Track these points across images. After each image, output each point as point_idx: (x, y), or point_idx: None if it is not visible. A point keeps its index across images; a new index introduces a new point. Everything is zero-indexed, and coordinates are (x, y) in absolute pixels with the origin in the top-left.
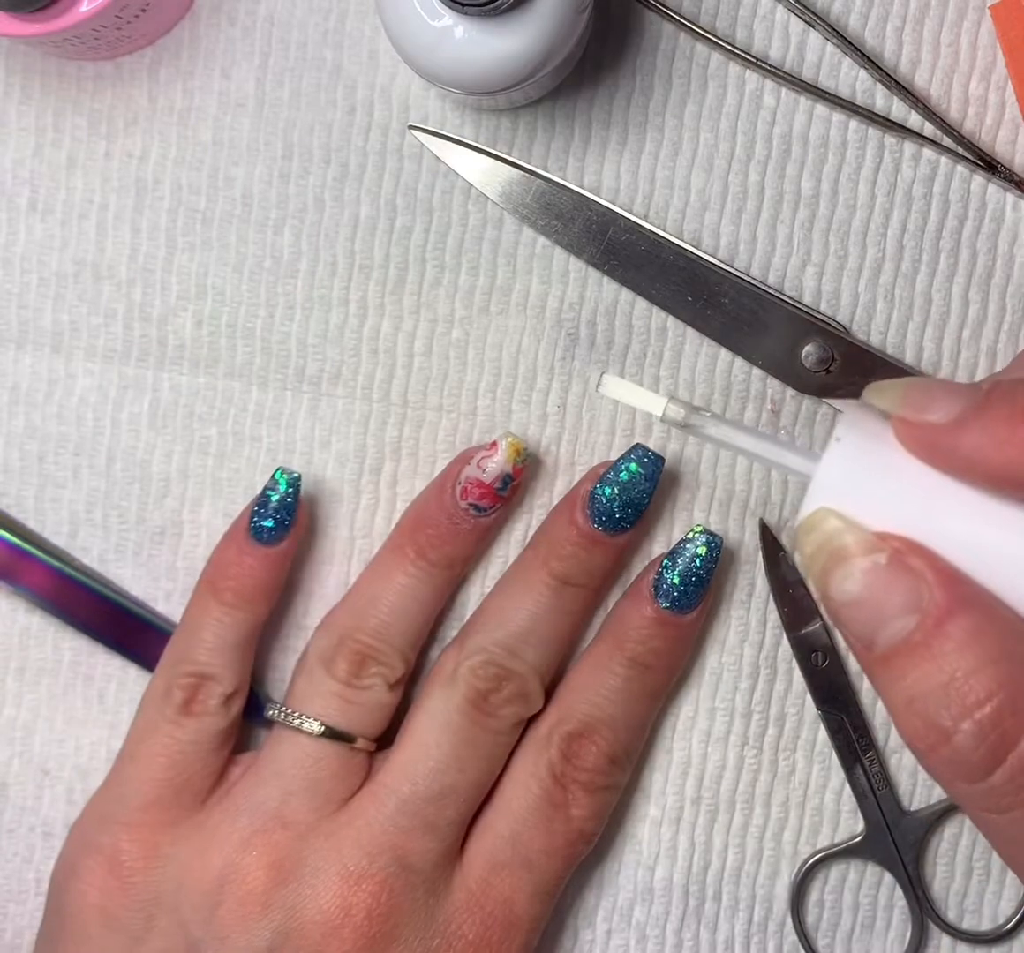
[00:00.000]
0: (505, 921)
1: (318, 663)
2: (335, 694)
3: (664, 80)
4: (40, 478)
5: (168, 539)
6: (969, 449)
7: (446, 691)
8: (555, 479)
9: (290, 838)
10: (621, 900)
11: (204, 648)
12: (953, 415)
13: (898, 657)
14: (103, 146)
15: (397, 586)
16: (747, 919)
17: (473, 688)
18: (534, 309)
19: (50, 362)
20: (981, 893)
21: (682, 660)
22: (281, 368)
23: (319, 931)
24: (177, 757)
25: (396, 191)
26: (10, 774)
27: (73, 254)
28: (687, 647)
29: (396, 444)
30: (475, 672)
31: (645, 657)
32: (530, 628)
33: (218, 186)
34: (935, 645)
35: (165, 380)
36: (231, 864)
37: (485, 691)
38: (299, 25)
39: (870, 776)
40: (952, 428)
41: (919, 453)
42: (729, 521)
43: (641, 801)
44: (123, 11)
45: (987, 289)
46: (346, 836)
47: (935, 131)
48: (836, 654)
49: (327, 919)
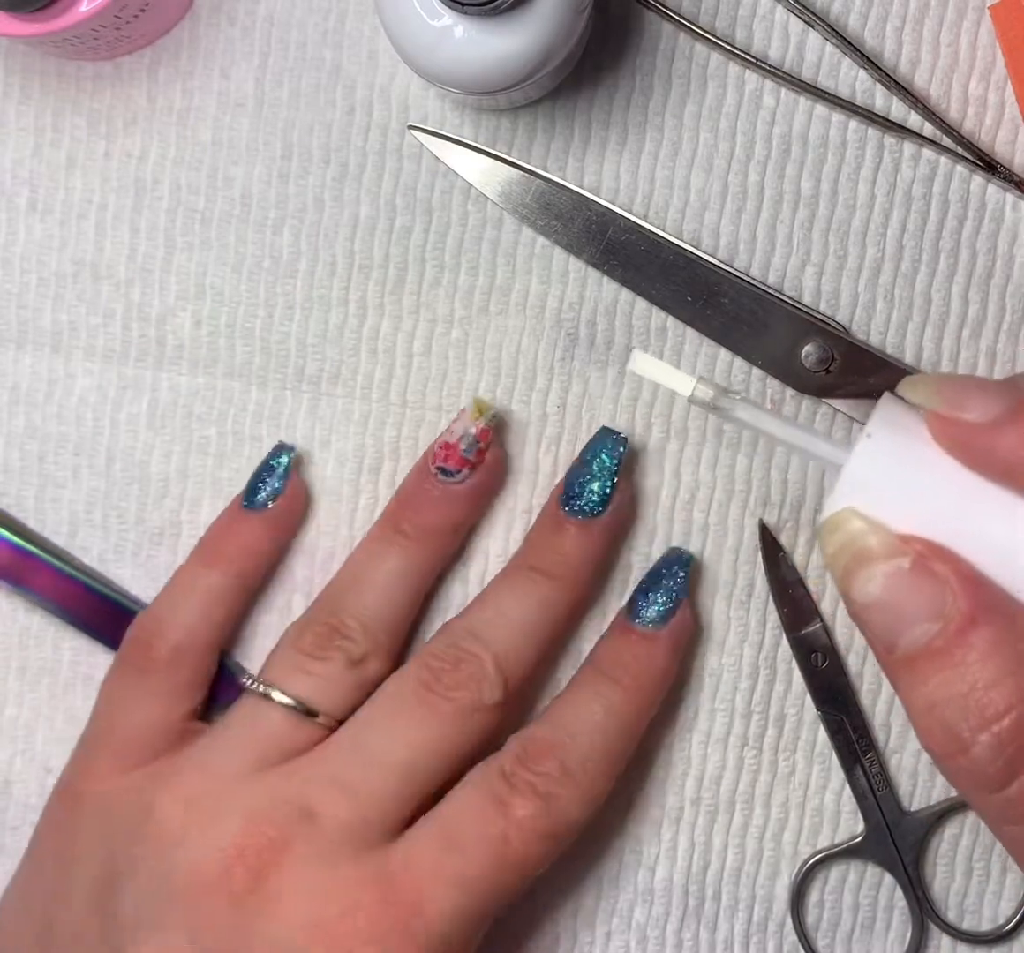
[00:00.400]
0: (411, 904)
1: (288, 636)
2: (294, 664)
3: (664, 80)
4: (40, 478)
5: (167, 539)
6: (1007, 451)
7: (403, 670)
8: (555, 479)
9: (212, 782)
10: (621, 901)
11: (184, 611)
12: (991, 415)
13: (919, 662)
14: (102, 146)
15: (371, 561)
16: (747, 919)
17: (426, 668)
18: (534, 309)
19: (50, 362)
20: (981, 893)
21: (656, 681)
22: (280, 368)
23: (214, 868)
24: (141, 712)
25: (395, 191)
26: (13, 772)
27: (72, 254)
28: (659, 666)
29: (395, 444)
30: (432, 652)
31: (615, 671)
32: (498, 614)
33: (217, 186)
34: (957, 654)
35: (164, 380)
36: (155, 800)
37: (438, 670)
38: (298, 25)
39: (870, 777)
40: (990, 429)
41: (953, 451)
42: (729, 521)
43: (641, 802)
44: (122, 11)
45: (987, 289)
46: (266, 785)
47: (935, 131)
48: (836, 655)
49: (223, 856)
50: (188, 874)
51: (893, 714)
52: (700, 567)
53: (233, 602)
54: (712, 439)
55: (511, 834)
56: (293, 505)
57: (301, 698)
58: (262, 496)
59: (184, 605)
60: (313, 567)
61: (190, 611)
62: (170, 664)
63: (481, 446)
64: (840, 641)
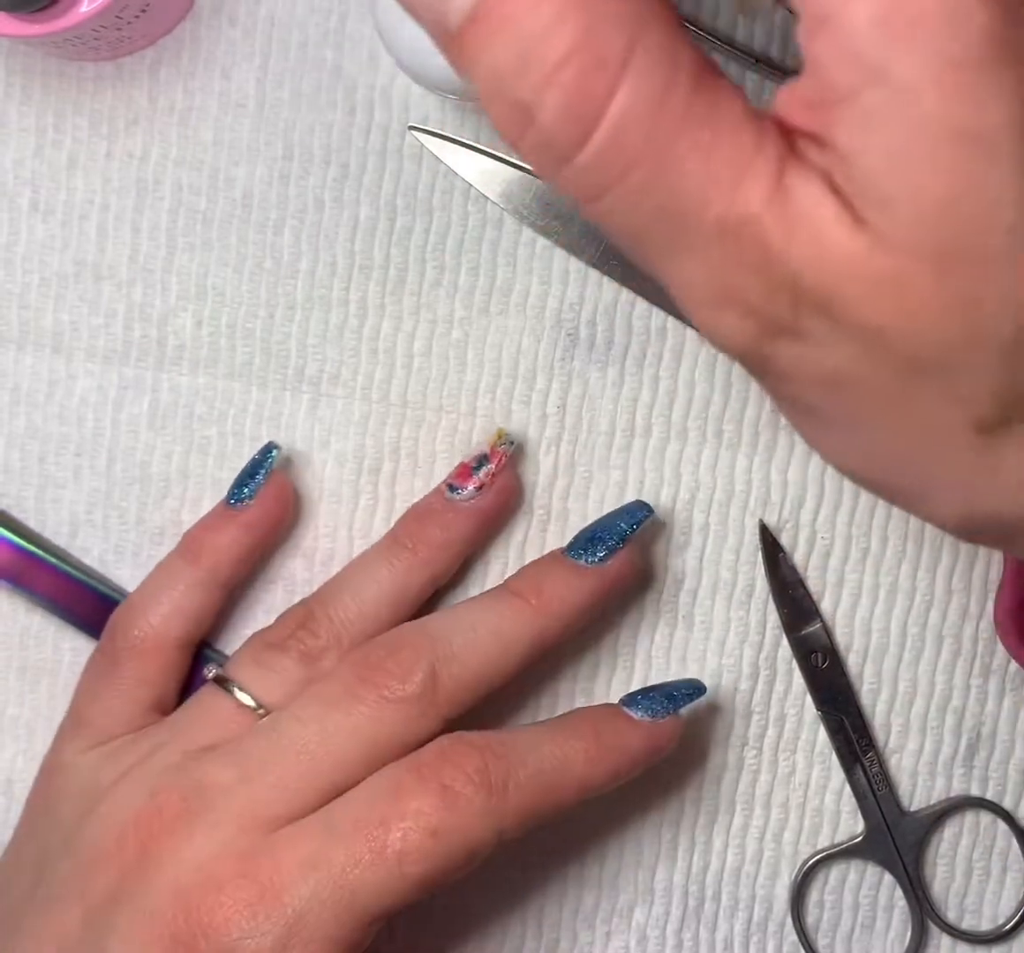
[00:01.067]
0: (270, 882)
1: (260, 631)
2: (252, 655)
3: None
4: (40, 479)
5: (168, 539)
6: None
7: (345, 658)
8: (555, 480)
9: (145, 762)
10: (621, 901)
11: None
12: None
13: (469, 36)
14: (104, 146)
15: (362, 568)
16: (747, 919)
17: (363, 655)
18: (534, 309)
19: (51, 362)
20: (981, 893)
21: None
22: (281, 368)
23: (111, 840)
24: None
25: (396, 192)
26: (15, 771)
27: (74, 254)
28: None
29: (395, 444)
30: (375, 641)
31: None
32: (456, 619)
33: (218, 187)
34: (506, 9)
35: (165, 380)
36: (100, 778)
37: (374, 660)
38: (299, 26)
39: (870, 777)
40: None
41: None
42: (729, 521)
43: (641, 802)
44: (123, 11)
45: None
46: (181, 766)
47: None
48: (836, 655)
49: (121, 829)
50: (91, 847)
51: (893, 714)
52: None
53: (205, 597)
54: (712, 439)
55: (393, 824)
56: (271, 505)
57: (250, 689)
58: (243, 495)
59: (157, 598)
60: (312, 568)
61: (162, 603)
62: (136, 653)
63: (492, 468)
64: (840, 641)
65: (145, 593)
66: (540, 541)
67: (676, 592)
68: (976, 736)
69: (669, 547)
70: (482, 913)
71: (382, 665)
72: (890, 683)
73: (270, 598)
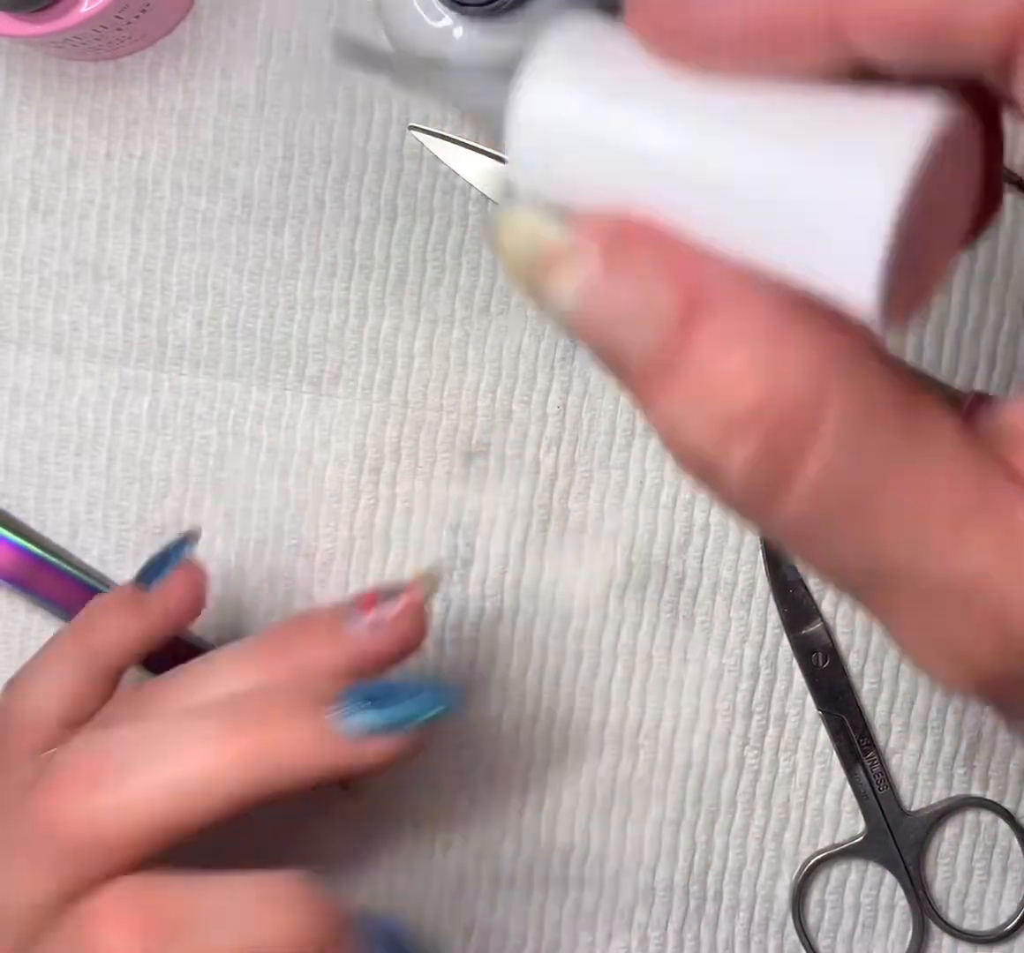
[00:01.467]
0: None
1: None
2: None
3: None
4: (41, 478)
5: (168, 539)
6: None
7: None
8: (555, 480)
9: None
10: (621, 901)
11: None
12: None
13: (649, 381)
14: (104, 147)
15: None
16: (748, 919)
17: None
18: (534, 309)
19: (51, 362)
20: (982, 893)
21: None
22: (281, 368)
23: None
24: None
25: (396, 191)
26: None
27: (74, 254)
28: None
29: (396, 444)
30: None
31: None
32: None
33: (219, 186)
34: (688, 359)
35: (165, 380)
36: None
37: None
38: (299, 26)
39: (871, 776)
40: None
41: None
42: (729, 521)
43: (642, 802)
44: (124, 11)
45: (987, 289)
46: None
47: None
48: (837, 654)
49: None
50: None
51: (894, 714)
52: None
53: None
54: None
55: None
56: (178, 595)
57: None
58: (147, 581)
59: (40, 674)
60: (313, 568)
61: (39, 683)
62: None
63: (399, 608)
64: (841, 641)
65: (33, 666)
66: (540, 541)
67: (676, 592)
68: (977, 736)
69: (669, 547)
70: (482, 913)
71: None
72: (891, 683)
73: (270, 598)
